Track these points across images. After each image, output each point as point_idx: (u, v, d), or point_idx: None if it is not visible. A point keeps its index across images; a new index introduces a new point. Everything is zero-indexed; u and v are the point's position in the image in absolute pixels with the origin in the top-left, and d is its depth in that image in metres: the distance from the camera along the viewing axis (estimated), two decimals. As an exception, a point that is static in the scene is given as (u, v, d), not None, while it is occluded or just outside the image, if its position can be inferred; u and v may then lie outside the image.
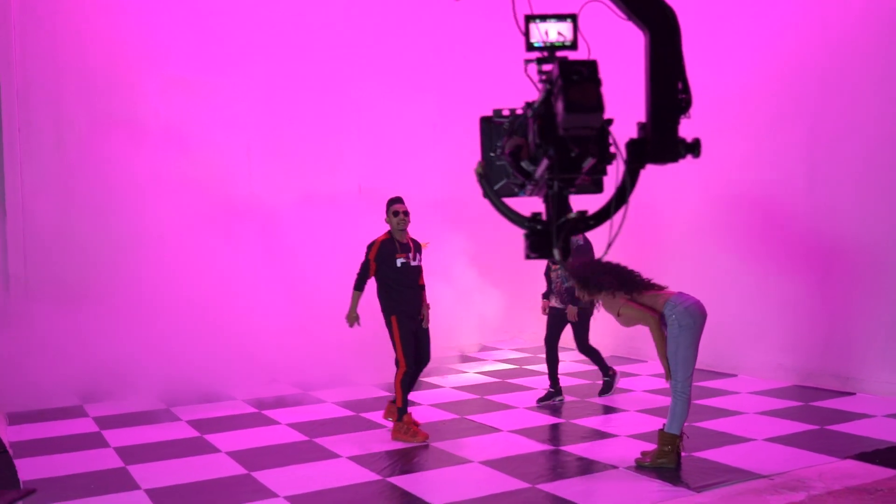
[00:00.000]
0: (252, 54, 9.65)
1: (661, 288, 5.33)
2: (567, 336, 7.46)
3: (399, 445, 5.89)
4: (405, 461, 5.52)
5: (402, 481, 5.04)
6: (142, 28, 9.05)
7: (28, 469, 5.38)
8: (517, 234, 2.12)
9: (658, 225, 8.81)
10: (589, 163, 1.93)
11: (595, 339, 7.58)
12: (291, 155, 9.81)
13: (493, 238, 9.34)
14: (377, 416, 6.84)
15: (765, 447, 5.55)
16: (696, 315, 5.14)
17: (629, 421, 6.46)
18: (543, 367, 9.11)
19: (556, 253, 1.98)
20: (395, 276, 6.12)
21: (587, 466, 5.24)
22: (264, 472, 5.27)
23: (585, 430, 6.23)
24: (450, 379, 8.59)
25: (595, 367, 7.71)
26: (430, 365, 8.95)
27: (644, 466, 5.16)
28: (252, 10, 9.66)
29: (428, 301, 6.36)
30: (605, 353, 7.84)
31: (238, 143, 9.66)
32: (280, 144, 9.83)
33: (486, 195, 2.30)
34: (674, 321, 5.12)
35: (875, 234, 7.01)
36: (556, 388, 7.29)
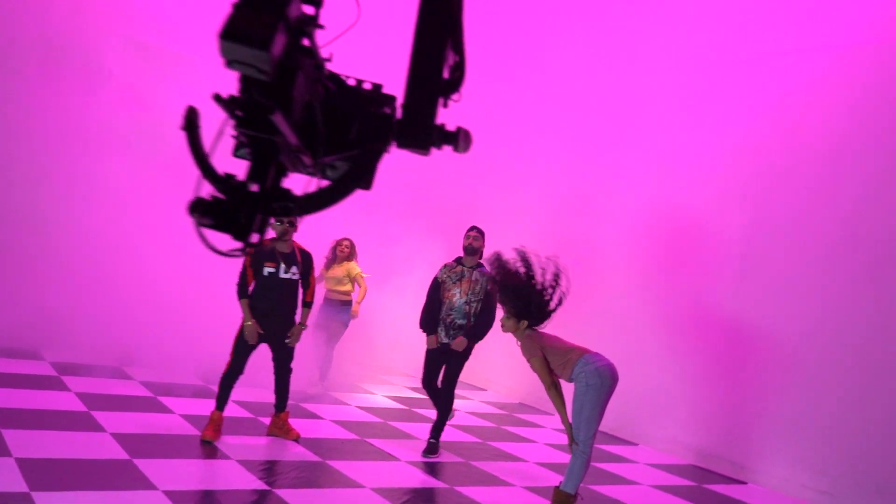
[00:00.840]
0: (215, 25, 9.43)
1: (574, 346, 5.29)
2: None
3: (294, 457, 5.71)
4: (298, 472, 5.35)
5: (289, 494, 4.88)
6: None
7: None
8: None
9: (588, 281, 8.90)
10: (281, 123, 1.47)
11: (505, 380, 7.54)
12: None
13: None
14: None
15: (654, 522, 5.58)
16: (606, 377, 5.13)
17: (528, 472, 6.43)
18: (460, 401, 9.08)
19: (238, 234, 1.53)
20: (260, 283, 5.95)
21: (478, 511, 5.17)
22: (147, 462, 5.04)
23: (483, 473, 6.17)
24: (358, 398, 8.44)
25: (491, 412, 7.60)
26: (342, 380, 8.86)
27: None
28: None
29: (307, 322, 6.27)
30: (514, 400, 7.82)
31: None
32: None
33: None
34: (582, 379, 5.11)
35: (792, 332, 7.20)
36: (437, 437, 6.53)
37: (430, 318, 6.54)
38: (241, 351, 5.90)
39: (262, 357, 7.98)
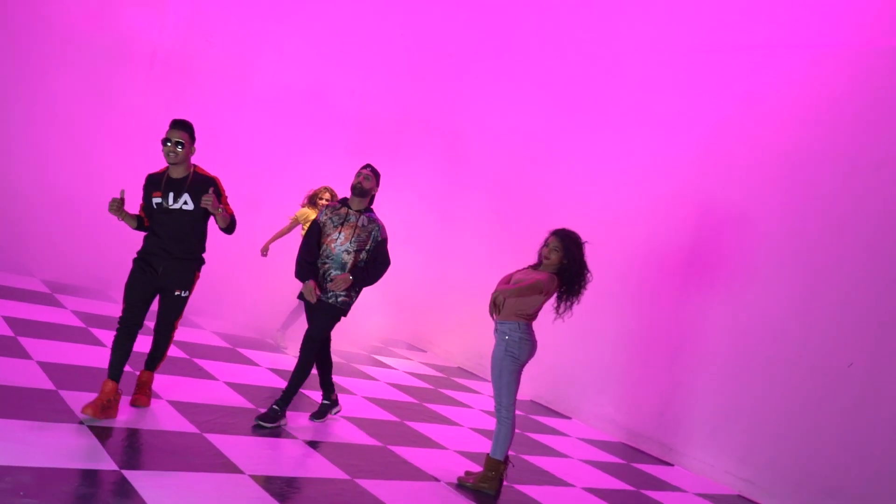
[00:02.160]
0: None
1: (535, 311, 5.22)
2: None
3: (225, 402, 5.58)
4: (230, 418, 5.23)
5: (222, 441, 4.76)
6: None
7: None
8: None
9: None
10: None
11: (447, 344, 7.52)
12: (196, 72, 9.24)
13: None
14: (209, 364, 6.52)
15: (581, 496, 5.63)
16: (527, 354, 5.12)
17: (462, 437, 6.42)
18: (399, 361, 9.07)
19: None
20: (150, 217, 4.87)
21: (410, 472, 5.14)
22: (72, 394, 4.86)
23: (417, 434, 6.15)
24: (293, 350, 8.32)
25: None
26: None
27: (465, 486, 5.11)
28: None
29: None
30: (453, 364, 7.79)
31: (145, 44, 9.05)
32: (189, 58, 9.25)
33: None
34: (504, 343, 5.08)
35: (729, 325, 7.30)
36: (330, 399, 5.87)
37: (304, 263, 5.48)
38: (130, 292, 4.80)
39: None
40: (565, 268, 5.13)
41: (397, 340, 10.16)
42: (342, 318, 5.60)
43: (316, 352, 5.52)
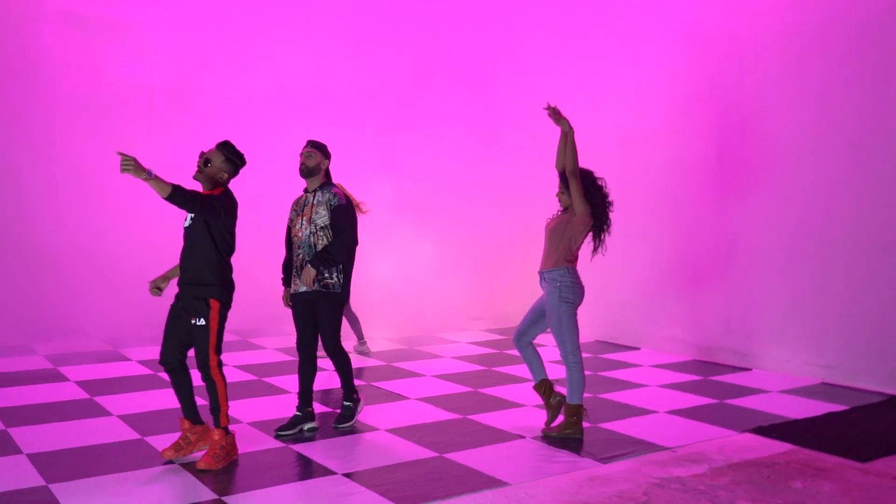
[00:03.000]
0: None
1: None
2: None
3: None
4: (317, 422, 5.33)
5: (306, 448, 4.88)
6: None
7: None
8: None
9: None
10: None
11: (504, 307, 7.49)
12: (197, 108, 9.33)
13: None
14: (278, 380, 6.65)
15: (667, 420, 5.65)
16: (578, 293, 5.12)
17: (530, 390, 6.44)
18: (455, 335, 9.13)
19: None
20: None
21: (495, 435, 5.20)
22: (157, 438, 5.01)
23: (493, 399, 6.21)
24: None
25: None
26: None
27: (551, 437, 5.16)
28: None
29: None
30: (513, 323, 7.76)
31: (141, 89, 9.16)
32: (187, 95, 9.34)
33: None
34: (556, 290, 5.08)
35: (778, 216, 7.21)
36: (304, 411, 5.24)
37: (285, 269, 5.34)
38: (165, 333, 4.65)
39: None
40: (592, 206, 5.12)
41: (454, 314, 10.18)
42: (343, 303, 5.21)
43: (339, 347, 5.24)
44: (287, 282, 5.34)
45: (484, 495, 4.08)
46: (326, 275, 5.10)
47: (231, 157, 4.66)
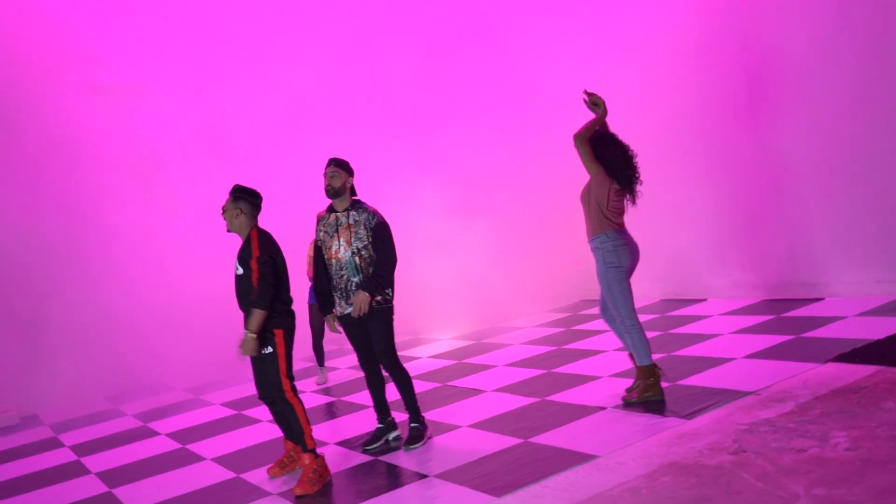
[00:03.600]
0: (177, 51, 9.37)
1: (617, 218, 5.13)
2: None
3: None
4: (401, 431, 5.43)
5: (394, 458, 4.97)
6: (49, 40, 8.68)
7: (9, 510, 5.21)
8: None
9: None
10: None
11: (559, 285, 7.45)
12: (227, 149, 9.54)
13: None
14: (352, 397, 6.77)
15: (746, 364, 5.59)
16: (624, 256, 5.04)
17: (610, 361, 6.45)
18: (520, 321, 9.15)
19: None
20: None
21: (576, 412, 5.22)
22: (253, 472, 5.16)
23: (567, 377, 6.22)
24: (425, 349, 8.53)
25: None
26: (404, 338, 8.99)
27: (632, 403, 5.16)
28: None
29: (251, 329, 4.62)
30: (577, 298, 7.77)
31: (171, 143, 9.42)
32: (219, 143, 9.57)
33: None
34: (600, 257, 5.05)
35: (820, 140, 7.05)
36: (385, 422, 5.33)
37: (322, 294, 5.19)
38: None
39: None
40: (606, 163, 5.06)
41: (515, 300, 10.19)
42: (392, 314, 5.18)
43: (395, 361, 5.18)
44: (328, 307, 5.19)
45: (575, 472, 4.10)
46: (379, 297, 5.06)
47: (243, 197, 4.80)
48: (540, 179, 9.68)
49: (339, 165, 5.13)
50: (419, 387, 6.74)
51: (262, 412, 6.80)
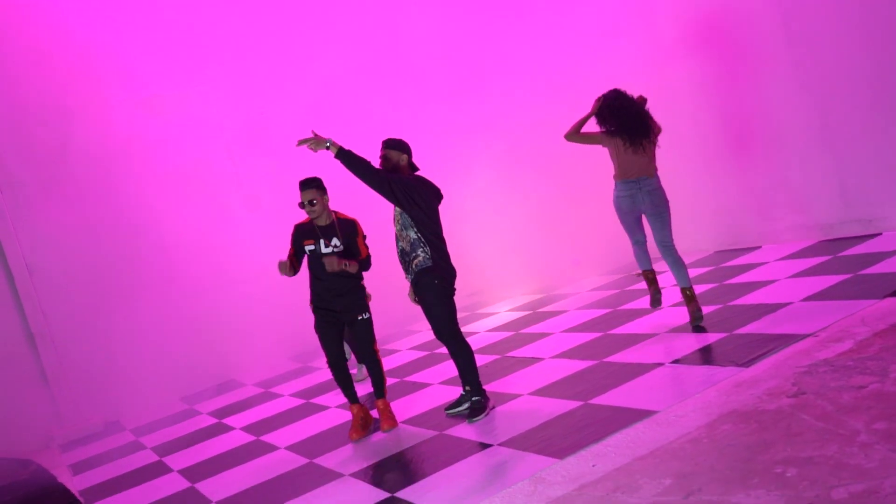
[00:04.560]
0: (218, 58, 9.60)
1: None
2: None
3: (435, 405, 5.89)
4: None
5: (459, 430, 5.08)
6: (94, 57, 8.96)
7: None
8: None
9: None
10: None
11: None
12: (274, 150, 9.72)
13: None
14: (415, 376, 6.89)
15: (803, 308, 5.53)
16: (617, 209, 6.01)
17: (665, 317, 6.44)
18: (574, 286, 9.16)
19: None
20: (309, 265, 5.55)
21: (634, 370, 5.25)
22: (324, 457, 5.34)
23: (623, 337, 6.24)
24: (482, 323, 8.61)
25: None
26: (461, 314, 9.10)
27: (699, 319, 5.77)
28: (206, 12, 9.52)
29: (370, 290, 5.65)
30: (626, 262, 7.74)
31: (217, 148, 9.66)
32: (261, 144, 9.77)
33: None
34: (661, 189, 5.91)
35: (865, 73, 6.87)
36: (474, 388, 5.27)
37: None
38: (324, 338, 5.54)
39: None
40: (605, 120, 5.81)
41: (567, 267, 10.19)
42: (443, 277, 5.18)
43: (445, 332, 5.24)
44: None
45: (635, 428, 4.16)
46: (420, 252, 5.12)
47: (322, 185, 5.45)
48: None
49: (393, 145, 5.25)
50: (479, 360, 6.83)
51: (330, 399, 7.00)
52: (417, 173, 5.29)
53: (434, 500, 4.01)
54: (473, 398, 5.26)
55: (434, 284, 5.13)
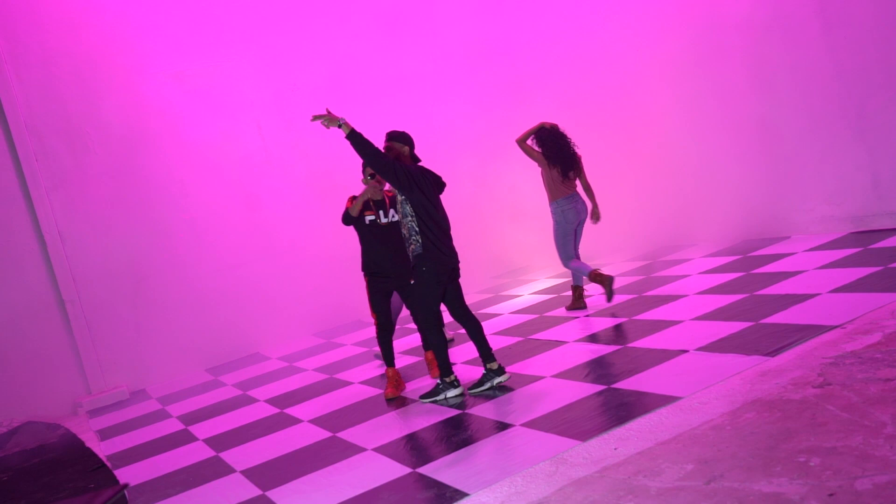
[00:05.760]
0: (248, 33, 9.66)
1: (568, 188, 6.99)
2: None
3: (465, 381, 5.96)
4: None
5: (481, 410, 5.12)
6: (126, 30, 9.06)
7: (128, 475, 5.61)
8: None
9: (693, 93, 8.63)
10: None
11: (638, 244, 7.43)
12: (302, 127, 9.77)
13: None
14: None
15: (832, 299, 5.49)
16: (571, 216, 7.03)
17: (690, 305, 6.43)
18: (607, 268, 9.12)
19: None
20: (364, 233, 6.07)
21: (658, 356, 5.25)
22: (348, 431, 5.41)
23: (648, 323, 6.23)
24: (506, 304, 8.64)
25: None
26: (483, 296, 9.12)
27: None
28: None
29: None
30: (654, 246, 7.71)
31: (247, 124, 9.73)
32: (289, 118, 9.83)
33: None
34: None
35: (884, 60, 6.76)
36: (489, 368, 5.54)
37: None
38: (374, 301, 6.06)
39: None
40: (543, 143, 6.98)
41: (599, 252, 10.18)
42: (428, 267, 5.42)
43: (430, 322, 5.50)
44: None
45: (658, 413, 4.17)
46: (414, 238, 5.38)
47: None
48: (607, 131, 9.57)
49: (394, 137, 5.60)
50: (502, 342, 6.87)
51: (353, 375, 7.08)
52: (419, 164, 5.62)
53: (454, 477, 4.05)
54: (438, 381, 5.60)
55: (422, 271, 5.39)
